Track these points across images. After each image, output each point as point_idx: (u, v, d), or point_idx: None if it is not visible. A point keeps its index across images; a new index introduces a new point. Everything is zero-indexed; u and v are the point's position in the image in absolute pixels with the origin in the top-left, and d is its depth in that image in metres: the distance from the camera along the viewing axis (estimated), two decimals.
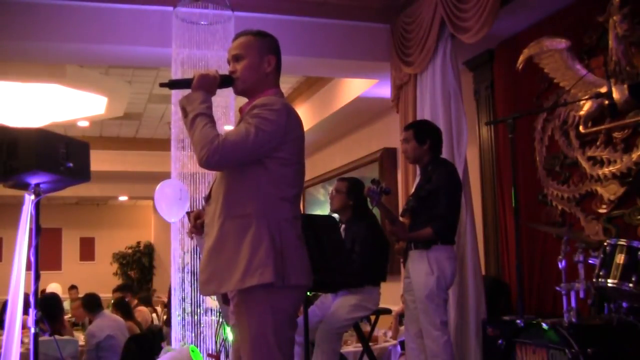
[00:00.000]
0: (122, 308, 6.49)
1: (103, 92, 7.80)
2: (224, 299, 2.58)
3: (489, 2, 4.39)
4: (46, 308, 3.39)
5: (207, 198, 2.50)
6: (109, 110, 8.47)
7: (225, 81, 2.53)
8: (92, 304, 5.98)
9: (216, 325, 4.90)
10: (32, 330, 3.32)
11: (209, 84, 2.46)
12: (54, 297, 5.98)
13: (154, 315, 8.81)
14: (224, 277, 2.31)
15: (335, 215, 4.61)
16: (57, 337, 4.98)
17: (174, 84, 2.58)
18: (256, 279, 2.26)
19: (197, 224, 2.56)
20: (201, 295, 5.04)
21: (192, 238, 4.77)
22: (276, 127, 2.35)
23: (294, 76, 7.90)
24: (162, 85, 2.55)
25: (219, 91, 2.55)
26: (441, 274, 3.80)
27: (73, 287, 10.87)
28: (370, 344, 4.68)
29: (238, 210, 2.35)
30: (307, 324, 3.67)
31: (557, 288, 3.39)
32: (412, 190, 4.41)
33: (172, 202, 4.97)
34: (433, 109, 5.07)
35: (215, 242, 2.36)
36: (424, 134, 4.02)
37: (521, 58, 4.78)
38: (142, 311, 7.67)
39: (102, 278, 13.29)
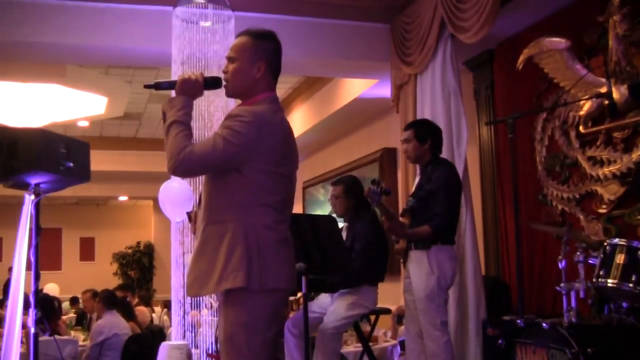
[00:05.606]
0: (124, 308, 6.48)
1: (103, 92, 7.80)
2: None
3: (488, 2, 4.39)
4: (40, 309, 3.39)
5: (199, 202, 2.54)
6: (109, 110, 8.47)
7: (213, 83, 2.51)
8: (109, 300, 6.03)
9: (216, 325, 4.90)
10: (32, 330, 3.32)
11: (192, 88, 2.46)
12: (48, 298, 5.98)
13: (154, 315, 8.82)
14: (204, 281, 2.37)
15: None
16: (57, 337, 4.99)
17: (159, 86, 2.53)
18: (230, 283, 2.31)
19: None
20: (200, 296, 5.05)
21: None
22: (245, 140, 2.33)
23: (294, 76, 7.89)
24: (146, 86, 2.54)
25: (218, 92, 2.55)
26: (441, 274, 3.79)
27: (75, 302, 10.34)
28: (370, 344, 4.68)
29: (217, 216, 2.39)
30: (307, 324, 3.66)
31: (557, 288, 3.38)
32: (412, 190, 4.40)
33: (178, 202, 4.95)
34: (433, 109, 5.07)
35: (198, 246, 2.43)
36: (424, 134, 4.02)
37: (521, 58, 4.78)
38: (141, 311, 7.67)
39: (102, 278, 13.26)
